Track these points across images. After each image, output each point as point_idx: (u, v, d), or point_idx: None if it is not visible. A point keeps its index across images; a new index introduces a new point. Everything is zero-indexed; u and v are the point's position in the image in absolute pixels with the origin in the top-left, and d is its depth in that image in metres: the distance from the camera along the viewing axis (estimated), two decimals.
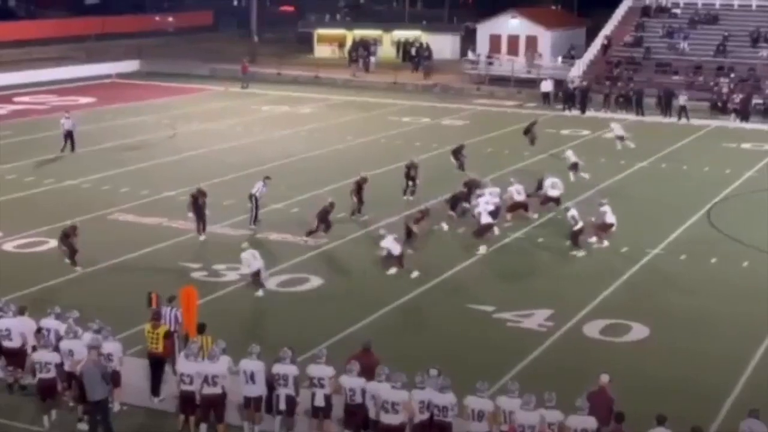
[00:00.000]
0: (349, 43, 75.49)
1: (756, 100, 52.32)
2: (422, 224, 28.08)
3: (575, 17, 76.15)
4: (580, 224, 28.12)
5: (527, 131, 43.06)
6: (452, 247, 28.59)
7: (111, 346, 17.89)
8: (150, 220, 31.08)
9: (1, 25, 79.98)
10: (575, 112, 53.45)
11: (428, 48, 71.02)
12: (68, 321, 18.58)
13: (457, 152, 37.72)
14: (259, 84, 62.60)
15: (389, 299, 24.22)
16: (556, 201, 31.36)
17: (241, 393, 17.10)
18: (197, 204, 29.01)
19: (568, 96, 54.61)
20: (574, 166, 36.60)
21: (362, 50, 71.52)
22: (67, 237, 25.94)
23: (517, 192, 30.94)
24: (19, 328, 18.73)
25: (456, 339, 22.00)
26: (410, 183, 33.94)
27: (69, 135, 41.05)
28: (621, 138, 42.80)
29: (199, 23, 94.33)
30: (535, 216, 31.06)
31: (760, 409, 15.45)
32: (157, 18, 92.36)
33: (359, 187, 31.38)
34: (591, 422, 15.06)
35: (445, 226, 30.03)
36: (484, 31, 68.72)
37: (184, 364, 17.09)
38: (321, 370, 16.80)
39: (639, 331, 22.33)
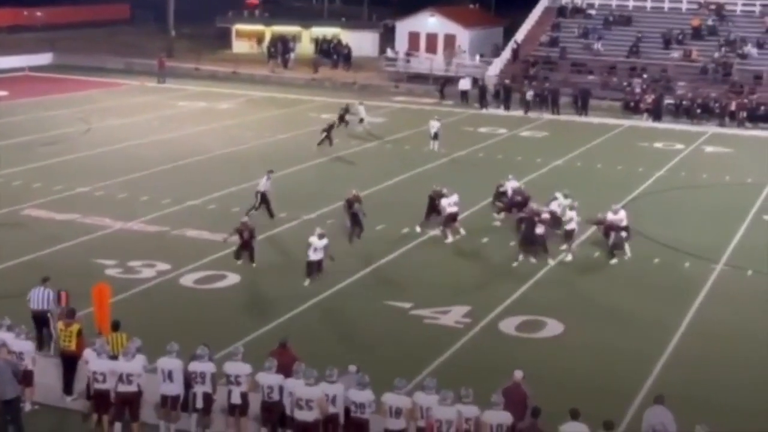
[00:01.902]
0: (267, 39, 75.11)
1: (668, 101, 53.45)
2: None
3: (493, 16, 76.93)
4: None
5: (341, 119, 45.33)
6: (373, 243, 28.63)
7: (23, 345, 17.56)
8: (64, 216, 30.55)
9: None
10: (492, 110, 54.01)
11: (347, 45, 71.08)
12: None
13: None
14: (177, 79, 61.96)
15: (307, 296, 24.20)
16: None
17: (157, 391, 16.93)
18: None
19: (485, 94, 55.18)
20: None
21: (281, 46, 71.24)
22: None
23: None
24: None
25: (373, 336, 22.08)
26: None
27: None
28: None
29: (115, 16, 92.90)
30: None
31: (664, 395, 15.90)
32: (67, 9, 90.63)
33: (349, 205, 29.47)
34: (506, 417, 15.25)
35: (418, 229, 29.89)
36: (403, 28, 69.05)
37: (97, 362, 16.85)
38: (238, 368, 16.72)
39: (554, 327, 22.67)
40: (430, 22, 68.17)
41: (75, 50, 71.71)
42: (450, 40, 67.29)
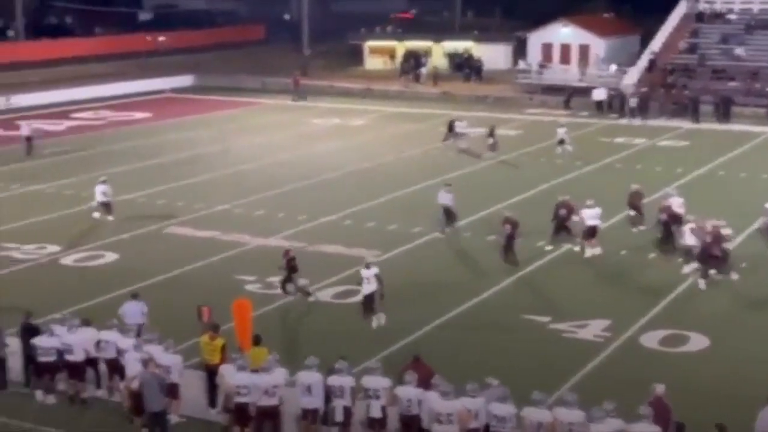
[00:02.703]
0: (399, 54, 75.56)
1: None
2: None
3: (629, 24, 75.47)
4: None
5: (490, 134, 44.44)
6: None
7: (170, 359, 18.02)
8: (204, 233, 31.29)
9: (58, 42, 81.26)
10: (630, 120, 53.02)
11: (479, 59, 70.95)
12: (129, 333, 18.83)
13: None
14: (311, 97, 62.89)
15: (444, 310, 24.11)
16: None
17: (298, 405, 17.11)
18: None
19: (623, 104, 54.29)
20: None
21: (413, 62, 71.60)
22: None
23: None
24: (82, 343, 18.94)
25: (512, 350, 21.84)
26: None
27: (29, 139, 44.53)
28: (562, 142, 43.23)
29: (251, 37, 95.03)
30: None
31: None
32: (210, 33, 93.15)
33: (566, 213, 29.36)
34: (656, 430, 14.81)
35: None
36: (536, 40, 68.40)
37: (239, 376, 17.13)
38: (377, 382, 16.77)
39: (698, 341, 21.99)
40: (563, 33, 67.37)
41: (214, 71, 73.66)
42: (584, 50, 66.35)
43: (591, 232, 28.61)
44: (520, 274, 26.98)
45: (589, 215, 28.62)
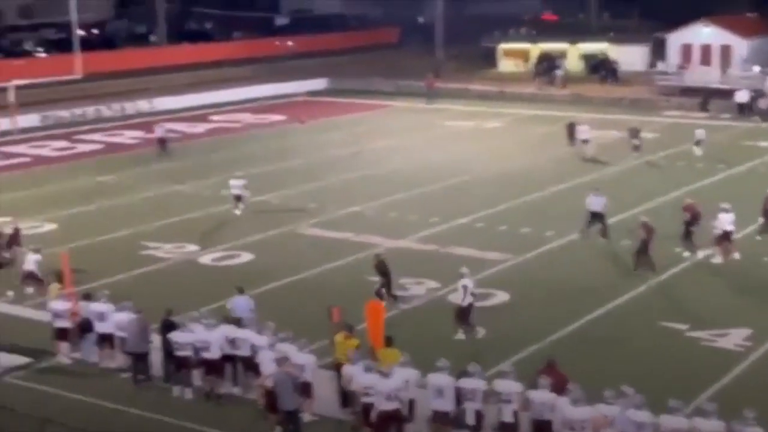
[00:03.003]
0: (533, 57, 74.89)
1: None
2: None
3: None
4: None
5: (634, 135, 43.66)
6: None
7: (304, 358, 18.28)
8: (337, 234, 31.62)
9: (197, 47, 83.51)
10: None
11: (615, 61, 69.75)
12: (265, 332, 19.21)
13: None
14: (444, 99, 62.90)
15: (578, 315, 23.78)
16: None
17: (428, 407, 17.12)
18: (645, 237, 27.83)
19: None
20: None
21: (547, 64, 70.86)
22: None
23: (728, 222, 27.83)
24: (218, 340, 19.42)
25: (648, 357, 21.37)
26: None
27: (162, 141, 46.28)
28: (698, 143, 42.51)
29: (385, 40, 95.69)
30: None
31: None
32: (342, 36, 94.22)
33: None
34: None
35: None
36: (675, 41, 66.76)
37: (366, 378, 17.23)
38: (509, 386, 16.65)
39: None
40: (704, 33, 65.56)
41: (348, 75, 74.44)
42: (725, 51, 64.43)
43: (725, 237, 27.73)
44: (657, 280, 26.39)
45: (726, 220, 27.76)
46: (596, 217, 30.13)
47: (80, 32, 62.72)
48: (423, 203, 35.50)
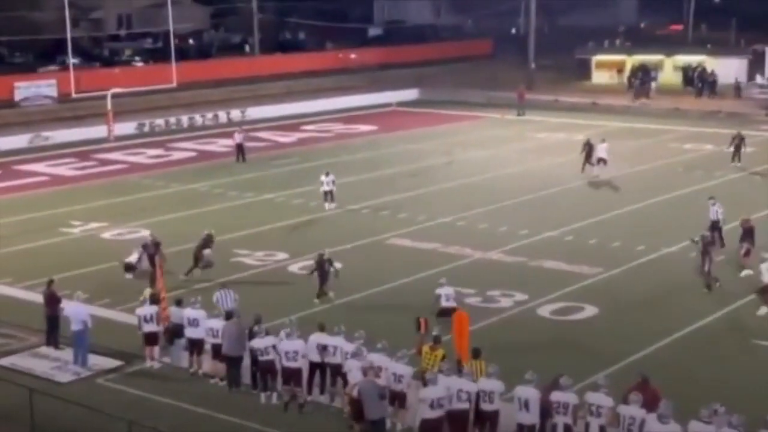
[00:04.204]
0: (628, 68, 73.93)
1: None
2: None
3: None
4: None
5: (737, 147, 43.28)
6: (736, 278, 27.19)
7: (402, 369, 18.31)
8: (425, 245, 31.61)
9: (291, 57, 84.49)
10: None
11: (713, 73, 68.49)
12: (358, 342, 19.32)
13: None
14: (536, 111, 62.40)
15: (668, 331, 23.38)
16: None
17: (514, 419, 17.00)
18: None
19: None
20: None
21: (642, 75, 69.87)
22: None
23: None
24: (302, 348, 19.53)
25: (742, 376, 20.88)
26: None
27: (240, 147, 47.00)
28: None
29: (478, 52, 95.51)
30: None
31: None
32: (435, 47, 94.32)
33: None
34: None
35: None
36: None
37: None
38: (600, 399, 16.43)
39: None
40: None
41: (439, 85, 74.42)
42: None
43: None
44: (751, 297, 25.75)
45: None
46: (714, 226, 29.61)
47: (176, 42, 63.93)
48: (513, 215, 35.29)
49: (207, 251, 28.66)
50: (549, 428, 16.84)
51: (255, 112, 62.79)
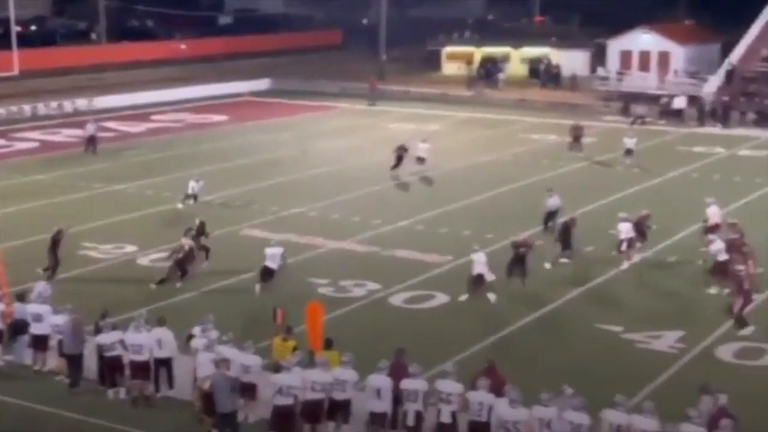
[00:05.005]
0: (477, 60, 75.36)
1: None
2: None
3: (710, 33, 74.17)
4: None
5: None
6: (581, 265, 28.11)
7: (251, 359, 18.19)
8: (279, 235, 31.44)
9: (139, 45, 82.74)
10: (710, 129, 52.22)
11: (557, 65, 70.49)
12: (206, 333, 19.09)
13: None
14: (387, 102, 62.98)
15: (515, 318, 23.99)
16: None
17: (365, 409, 17.15)
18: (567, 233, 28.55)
19: (703, 112, 53.48)
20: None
21: (489, 66, 71.40)
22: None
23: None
24: (149, 343, 19.21)
25: (584, 359, 21.62)
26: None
27: (92, 138, 45.56)
28: (629, 152, 42.39)
29: (328, 42, 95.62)
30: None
31: None
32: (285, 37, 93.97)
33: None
34: None
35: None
36: (615, 47, 67.61)
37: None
38: (450, 386, 16.73)
39: None
40: (643, 40, 66.44)
41: (291, 75, 74.20)
42: (664, 57, 65.40)
43: (629, 244, 28.07)
44: (591, 284, 26.68)
45: (625, 228, 27.99)
46: (551, 216, 30.80)
47: (17, 28, 61.74)
48: (366, 205, 35.52)
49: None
50: (400, 415, 17.05)
51: (102, 101, 61.16)
